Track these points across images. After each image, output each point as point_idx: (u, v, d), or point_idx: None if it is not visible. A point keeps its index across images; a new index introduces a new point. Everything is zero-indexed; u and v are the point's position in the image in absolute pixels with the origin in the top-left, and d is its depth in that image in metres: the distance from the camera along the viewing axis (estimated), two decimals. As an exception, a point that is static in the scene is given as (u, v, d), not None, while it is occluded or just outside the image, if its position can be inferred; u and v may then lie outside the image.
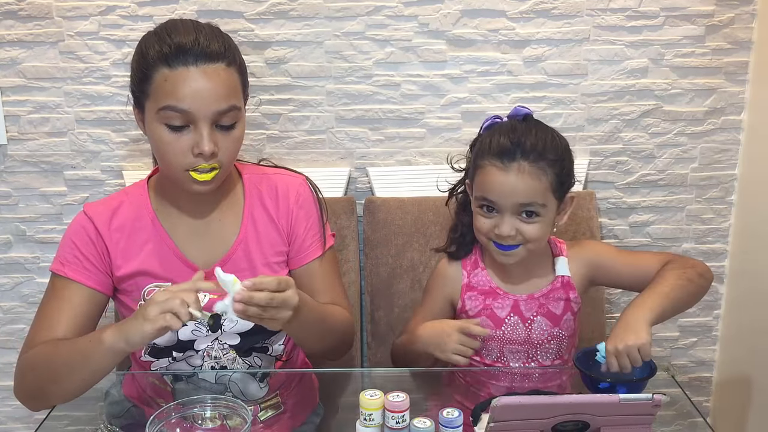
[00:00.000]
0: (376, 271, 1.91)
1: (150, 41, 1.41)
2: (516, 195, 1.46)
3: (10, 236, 2.02)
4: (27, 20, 1.86)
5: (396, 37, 1.90)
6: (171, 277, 1.49)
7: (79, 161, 1.97)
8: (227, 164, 1.44)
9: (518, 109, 1.55)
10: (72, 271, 1.47)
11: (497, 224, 1.49)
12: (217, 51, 1.39)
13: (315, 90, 1.93)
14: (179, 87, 1.36)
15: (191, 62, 1.37)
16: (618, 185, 2.03)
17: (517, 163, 1.46)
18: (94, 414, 1.49)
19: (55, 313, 1.45)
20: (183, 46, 1.37)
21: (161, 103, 1.38)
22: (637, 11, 1.89)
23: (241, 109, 1.44)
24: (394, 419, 1.24)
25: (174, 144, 1.39)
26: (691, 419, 1.40)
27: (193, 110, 1.37)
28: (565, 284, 1.60)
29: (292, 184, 1.58)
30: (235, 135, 1.43)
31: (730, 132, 2.00)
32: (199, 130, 1.38)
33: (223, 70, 1.39)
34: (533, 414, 1.16)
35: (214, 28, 1.45)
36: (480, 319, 1.57)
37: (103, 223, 1.49)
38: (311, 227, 1.57)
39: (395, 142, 1.97)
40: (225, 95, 1.39)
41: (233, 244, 1.52)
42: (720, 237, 2.08)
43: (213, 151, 1.39)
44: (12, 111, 1.92)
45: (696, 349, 2.18)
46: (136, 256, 1.50)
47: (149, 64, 1.39)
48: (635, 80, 1.95)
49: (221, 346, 1.51)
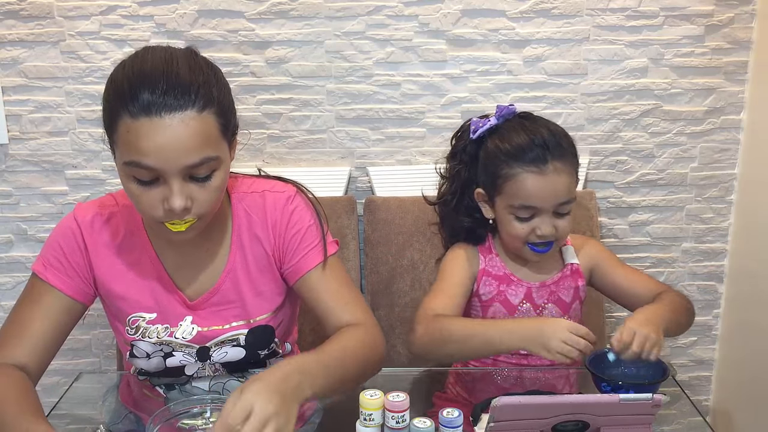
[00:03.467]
0: (377, 271, 1.91)
1: (116, 81, 1.25)
2: (557, 195, 1.49)
3: (12, 235, 2.02)
4: (28, 20, 1.86)
5: (396, 36, 1.90)
6: (159, 308, 1.42)
7: (80, 161, 1.97)
8: (207, 215, 1.30)
9: (506, 108, 1.56)
10: (53, 276, 1.39)
11: (536, 227, 1.51)
12: (186, 93, 1.21)
13: (315, 89, 1.94)
14: (142, 141, 1.19)
15: (154, 111, 1.19)
16: (618, 185, 2.04)
17: (551, 165, 1.48)
18: (95, 413, 1.49)
19: (28, 321, 1.38)
20: (144, 86, 1.20)
21: (125, 158, 1.23)
22: (637, 11, 1.90)
23: (219, 158, 1.26)
24: (394, 419, 1.24)
25: (144, 197, 1.25)
26: (691, 418, 1.40)
27: (159, 167, 1.21)
28: (574, 272, 1.62)
29: (279, 199, 1.45)
30: (212, 185, 1.27)
31: (729, 131, 2.00)
32: (169, 185, 1.23)
33: (193, 119, 1.21)
34: (533, 414, 1.16)
35: (191, 60, 1.27)
36: (550, 305, 1.59)
37: (91, 234, 1.41)
38: (305, 237, 1.44)
39: (395, 141, 1.98)
40: (196, 147, 1.21)
41: (221, 275, 1.43)
42: (720, 236, 2.08)
43: (185, 207, 1.24)
44: (13, 110, 1.93)
45: (696, 348, 2.18)
46: (123, 277, 1.42)
47: (112, 110, 1.24)
48: (635, 80, 1.95)
49: (213, 367, 1.47)
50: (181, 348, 1.44)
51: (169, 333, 1.42)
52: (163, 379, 1.48)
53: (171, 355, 1.44)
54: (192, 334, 1.42)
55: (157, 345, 1.43)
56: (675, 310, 1.50)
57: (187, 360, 1.45)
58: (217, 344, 1.44)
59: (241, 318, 1.44)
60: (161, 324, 1.42)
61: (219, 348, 1.44)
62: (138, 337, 1.43)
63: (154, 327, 1.43)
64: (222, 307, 1.43)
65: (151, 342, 1.43)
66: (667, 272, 2.10)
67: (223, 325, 1.44)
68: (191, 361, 1.45)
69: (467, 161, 1.61)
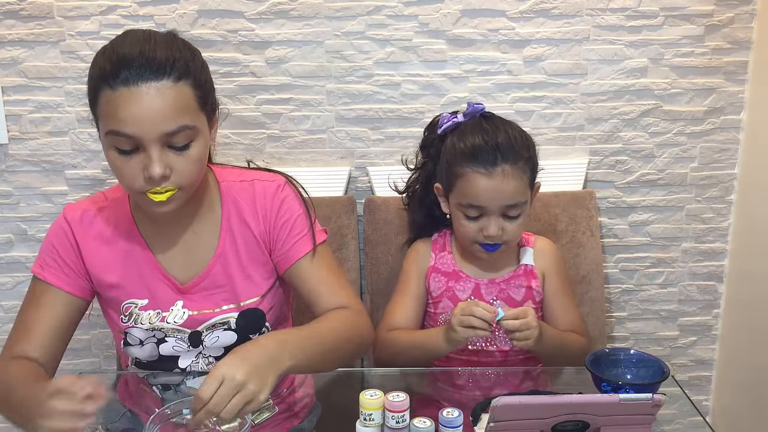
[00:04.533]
0: (376, 270, 1.91)
1: (97, 59, 1.31)
2: (503, 197, 1.53)
3: (11, 235, 2.02)
4: (28, 20, 1.86)
5: (396, 36, 1.90)
6: (150, 294, 1.47)
7: (80, 161, 1.97)
8: (187, 186, 1.34)
9: (474, 106, 1.61)
10: (51, 275, 1.45)
11: (483, 226, 1.55)
12: (163, 66, 1.27)
13: (315, 89, 1.94)
14: (120, 109, 1.26)
15: (131, 82, 1.25)
16: (618, 184, 2.04)
17: (500, 167, 1.52)
18: (95, 413, 1.49)
19: (33, 321, 1.44)
20: (124, 63, 1.26)
21: (106, 128, 1.29)
22: (637, 11, 1.90)
23: (196, 127, 1.32)
24: (394, 419, 1.24)
25: (125, 167, 1.31)
26: (691, 418, 1.40)
27: (137, 134, 1.27)
28: (527, 272, 1.66)
29: (269, 188, 1.50)
30: (191, 155, 1.32)
31: (729, 131, 2.00)
32: (148, 153, 1.28)
33: (168, 88, 1.27)
34: (533, 414, 1.16)
35: (169, 38, 1.33)
36: (498, 302, 1.63)
37: (80, 229, 1.46)
38: (294, 226, 1.49)
39: (395, 141, 1.98)
40: (172, 115, 1.27)
41: (211, 259, 1.47)
42: (719, 236, 2.08)
43: (163, 174, 1.29)
44: (13, 110, 1.93)
45: (695, 348, 2.18)
46: (114, 267, 1.46)
47: (94, 85, 1.30)
48: (635, 80, 1.95)
49: (206, 360, 1.50)
50: (174, 333, 1.47)
51: (161, 318, 1.47)
52: (159, 379, 1.51)
53: (164, 341, 1.48)
54: (183, 318, 1.46)
55: (149, 331, 1.47)
56: (565, 345, 1.59)
57: (179, 346, 1.48)
58: (209, 328, 1.48)
59: (231, 301, 1.48)
60: (153, 310, 1.47)
61: (210, 332, 1.48)
62: (131, 324, 1.47)
63: (146, 313, 1.47)
64: (212, 291, 1.47)
65: (144, 328, 1.47)
66: (667, 272, 2.11)
67: (213, 308, 1.48)
68: (184, 347, 1.48)
69: (433, 155, 1.66)
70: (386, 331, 1.65)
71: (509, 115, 1.93)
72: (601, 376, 1.34)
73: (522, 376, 1.60)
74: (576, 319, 1.67)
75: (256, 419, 1.36)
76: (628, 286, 2.12)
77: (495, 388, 1.54)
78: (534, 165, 1.58)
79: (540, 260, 1.67)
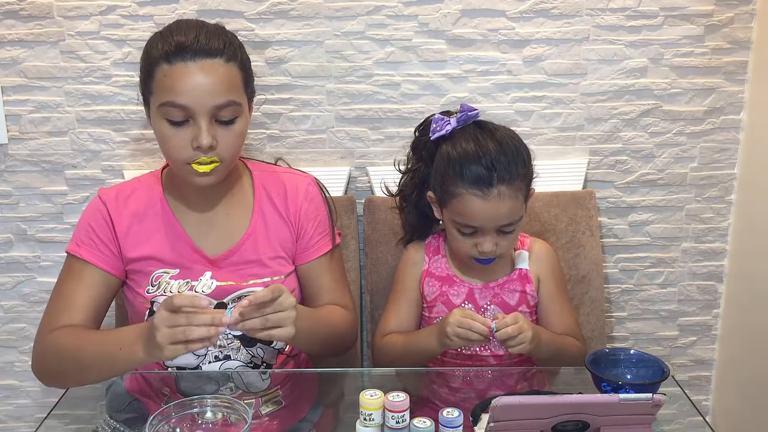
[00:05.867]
0: (376, 270, 1.91)
1: (155, 40, 1.46)
2: (499, 218, 1.51)
3: (11, 235, 2.02)
4: (28, 20, 1.86)
5: (396, 36, 1.90)
6: (181, 263, 1.55)
7: (80, 161, 1.97)
8: (228, 159, 1.48)
9: (467, 113, 1.56)
10: (87, 252, 1.52)
11: (478, 242, 1.54)
12: (216, 47, 1.43)
13: (315, 89, 1.94)
14: (177, 82, 1.41)
15: (189, 58, 1.41)
16: (617, 184, 2.04)
17: (496, 189, 1.48)
18: (94, 413, 1.49)
19: (71, 295, 1.50)
20: (182, 43, 1.42)
21: (161, 99, 1.42)
22: (637, 11, 1.90)
23: (242, 105, 1.47)
24: (394, 419, 1.24)
25: (174, 138, 1.44)
26: (691, 418, 1.40)
27: (191, 105, 1.41)
28: (522, 277, 1.65)
29: (300, 183, 1.62)
30: (235, 130, 1.47)
31: (729, 131, 2.00)
32: (198, 124, 1.42)
33: (221, 66, 1.43)
34: (533, 414, 1.16)
35: (219, 27, 1.49)
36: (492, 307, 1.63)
37: (116, 207, 1.55)
38: (319, 224, 1.62)
39: (395, 141, 1.98)
40: (223, 90, 1.43)
41: (243, 236, 1.57)
42: (719, 236, 2.08)
43: (211, 144, 1.42)
44: (13, 110, 1.93)
45: (695, 348, 2.18)
46: (147, 241, 1.55)
47: (151, 62, 1.44)
48: (635, 80, 1.95)
49: (226, 336, 1.54)
50: None
51: (190, 287, 1.54)
52: (176, 361, 1.54)
53: None
54: (211, 288, 1.54)
55: None
56: (560, 348, 1.59)
57: None
58: (234, 300, 1.54)
59: (258, 277, 1.57)
60: (183, 279, 1.55)
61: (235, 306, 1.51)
62: (159, 293, 1.53)
63: (176, 282, 1.54)
64: (240, 267, 1.57)
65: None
66: (667, 272, 2.11)
67: (240, 282, 1.56)
68: None
69: (426, 159, 1.63)
70: (381, 338, 1.67)
71: (509, 115, 1.94)
72: (601, 376, 1.34)
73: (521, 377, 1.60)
74: (572, 322, 1.67)
75: (263, 410, 1.38)
76: (627, 286, 2.12)
77: (495, 388, 1.54)
78: (530, 179, 1.55)
79: (535, 264, 1.66)
